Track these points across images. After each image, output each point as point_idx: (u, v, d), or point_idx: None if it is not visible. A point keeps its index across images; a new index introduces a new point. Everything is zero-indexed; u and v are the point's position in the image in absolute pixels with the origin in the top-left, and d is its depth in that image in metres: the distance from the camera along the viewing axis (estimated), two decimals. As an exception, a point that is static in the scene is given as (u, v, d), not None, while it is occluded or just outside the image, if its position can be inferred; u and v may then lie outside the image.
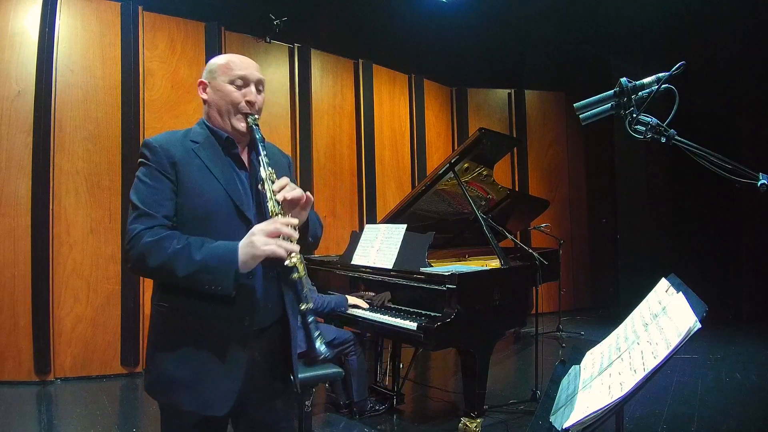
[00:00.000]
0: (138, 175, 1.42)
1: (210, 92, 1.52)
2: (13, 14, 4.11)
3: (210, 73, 1.52)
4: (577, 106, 1.35)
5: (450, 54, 6.64)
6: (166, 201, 1.39)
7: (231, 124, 1.49)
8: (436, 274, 2.82)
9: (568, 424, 1.11)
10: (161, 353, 1.42)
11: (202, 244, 1.34)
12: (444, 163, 3.47)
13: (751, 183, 1.17)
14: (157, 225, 1.36)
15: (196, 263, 1.31)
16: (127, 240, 1.35)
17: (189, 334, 1.40)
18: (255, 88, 1.51)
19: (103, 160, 4.35)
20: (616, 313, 6.43)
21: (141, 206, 1.37)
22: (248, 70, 1.51)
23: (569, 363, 1.57)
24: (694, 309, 1.06)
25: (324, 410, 3.47)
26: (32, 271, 4.05)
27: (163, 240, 1.33)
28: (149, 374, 1.46)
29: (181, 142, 1.45)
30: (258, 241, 1.32)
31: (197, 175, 1.42)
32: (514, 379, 4.49)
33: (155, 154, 1.41)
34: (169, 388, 1.40)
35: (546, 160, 7.19)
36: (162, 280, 1.42)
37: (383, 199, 5.93)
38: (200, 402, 1.38)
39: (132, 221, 1.37)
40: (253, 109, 1.50)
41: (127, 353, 4.35)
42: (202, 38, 4.84)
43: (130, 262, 1.37)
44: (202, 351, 1.39)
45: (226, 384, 1.40)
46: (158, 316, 1.45)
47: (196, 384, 1.38)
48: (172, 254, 1.31)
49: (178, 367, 1.39)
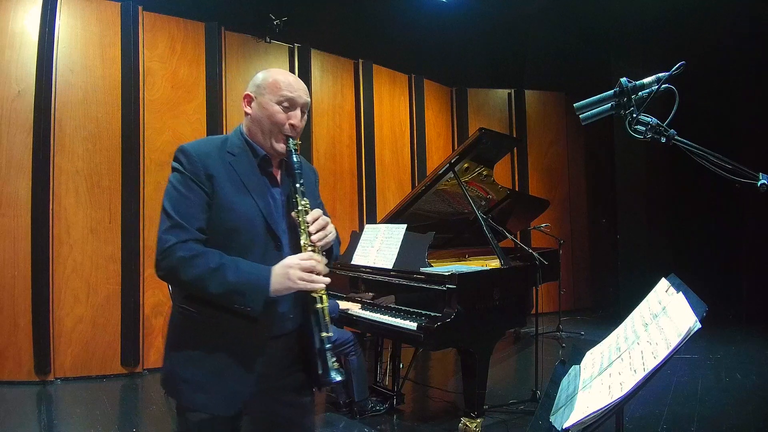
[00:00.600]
0: (172, 182, 1.44)
1: (255, 107, 1.51)
2: (13, 14, 4.11)
3: (257, 88, 1.51)
4: (577, 106, 1.35)
5: (450, 54, 6.64)
6: (200, 213, 1.40)
7: (271, 144, 1.50)
8: (436, 274, 2.82)
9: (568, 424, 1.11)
10: (176, 352, 1.46)
11: (236, 266, 1.37)
12: (444, 163, 3.47)
13: (751, 183, 1.17)
14: (191, 239, 1.38)
15: (229, 284, 1.35)
16: (159, 250, 1.37)
17: (206, 337, 1.43)
18: (300, 111, 1.51)
19: (103, 160, 4.35)
20: (616, 313, 6.42)
21: (175, 216, 1.38)
22: (297, 93, 1.50)
23: (569, 363, 1.57)
24: (694, 309, 1.06)
25: (324, 410, 3.47)
26: (32, 271, 4.05)
27: (197, 258, 1.36)
28: (164, 370, 1.50)
29: (219, 154, 1.46)
30: (294, 275, 1.38)
31: (232, 189, 1.43)
32: (514, 379, 4.49)
33: (192, 164, 1.42)
34: (180, 387, 1.44)
35: (546, 160, 7.19)
36: (192, 292, 1.43)
37: (383, 199, 5.93)
38: (208, 402, 1.41)
39: (165, 231, 1.38)
40: (295, 132, 1.50)
41: (127, 353, 4.35)
42: (202, 38, 4.84)
43: (160, 270, 1.40)
44: (218, 354, 1.42)
45: (237, 386, 1.43)
46: (179, 316, 1.49)
47: (205, 385, 1.41)
48: (206, 272, 1.35)
49: (190, 367, 1.43)
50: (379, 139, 5.98)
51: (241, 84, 5.08)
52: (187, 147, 1.45)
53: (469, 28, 6.30)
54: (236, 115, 5.02)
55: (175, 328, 1.50)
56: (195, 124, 4.75)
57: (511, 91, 7.13)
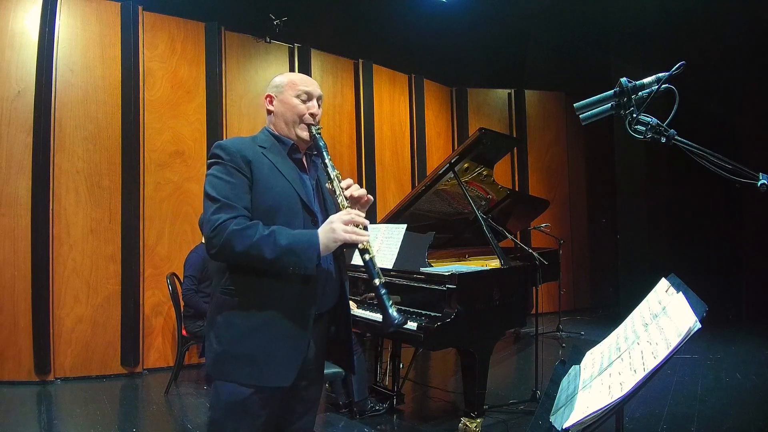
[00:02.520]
0: (213, 173, 1.55)
1: (277, 104, 1.69)
2: (13, 14, 4.11)
3: (276, 88, 1.70)
4: (577, 106, 1.35)
5: (450, 54, 6.64)
6: (244, 194, 1.53)
7: (296, 132, 1.67)
8: (436, 274, 2.82)
9: (568, 424, 1.11)
10: (226, 331, 1.52)
11: (285, 231, 1.48)
12: (444, 163, 3.47)
13: (751, 183, 1.17)
14: (240, 216, 1.49)
15: (282, 247, 1.45)
16: (210, 228, 1.46)
17: (258, 312, 1.51)
18: (317, 102, 1.70)
19: (103, 160, 4.35)
20: (616, 313, 6.43)
21: (222, 199, 1.49)
22: (312, 86, 1.70)
23: (569, 363, 1.57)
24: (694, 309, 1.06)
25: (324, 410, 3.47)
26: (32, 271, 4.05)
27: (249, 228, 1.46)
28: (212, 353, 1.54)
29: (251, 146, 1.61)
30: (338, 228, 1.49)
31: (267, 172, 1.57)
32: (514, 379, 4.49)
33: (230, 154, 1.55)
34: (232, 364, 1.50)
35: (546, 160, 7.19)
36: (247, 262, 1.49)
37: (383, 199, 5.93)
38: (264, 375, 1.49)
39: (214, 212, 1.48)
40: (315, 120, 1.69)
41: (127, 353, 4.35)
42: (202, 38, 4.84)
43: (213, 248, 1.47)
44: (271, 327, 1.51)
45: (289, 358, 1.52)
46: (225, 297, 1.55)
47: (262, 358, 1.49)
48: (259, 239, 1.45)
49: (244, 343, 1.50)
50: (379, 139, 5.98)
51: (241, 84, 5.08)
52: (223, 143, 1.60)
53: (469, 28, 6.30)
54: (236, 115, 5.02)
55: (221, 310, 1.55)
56: (195, 124, 4.75)
57: (511, 91, 7.14)
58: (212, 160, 1.58)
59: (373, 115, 5.93)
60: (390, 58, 6.12)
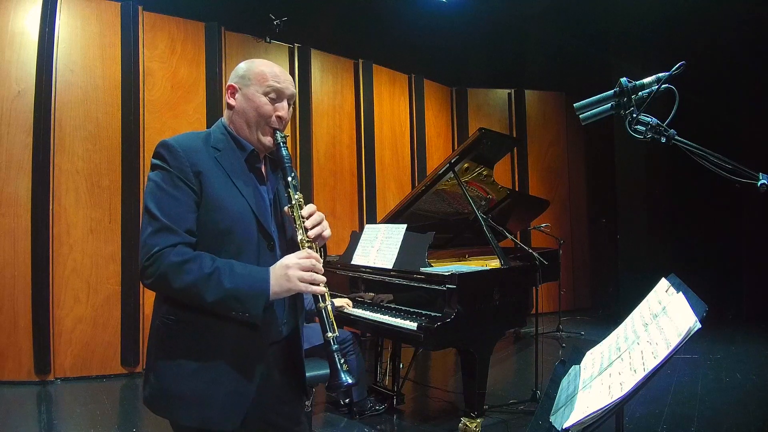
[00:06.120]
0: (155, 180, 1.31)
1: (240, 99, 1.42)
2: (13, 14, 4.10)
3: (242, 79, 1.43)
4: (577, 106, 1.35)
5: (450, 54, 6.64)
6: (189, 214, 1.30)
7: (257, 137, 1.42)
8: (436, 274, 2.82)
9: (568, 424, 1.11)
10: (166, 367, 1.33)
11: (231, 270, 1.28)
12: (444, 163, 3.47)
13: (751, 183, 1.17)
14: (180, 243, 1.27)
15: (226, 291, 1.26)
16: (145, 255, 1.26)
17: (202, 347, 1.32)
18: (287, 102, 1.44)
19: (103, 160, 4.35)
20: (616, 313, 6.42)
21: (162, 218, 1.27)
22: (284, 84, 1.43)
23: (569, 363, 1.57)
24: (694, 309, 1.06)
25: (324, 410, 3.47)
26: (32, 271, 4.05)
27: (189, 262, 1.26)
28: (150, 387, 1.36)
29: (204, 149, 1.37)
30: (294, 276, 1.30)
31: (220, 188, 1.34)
32: (514, 379, 4.48)
33: (177, 159, 1.31)
34: (174, 404, 1.33)
35: (546, 160, 7.19)
36: (184, 301, 1.31)
37: (383, 199, 5.93)
38: (207, 418, 1.31)
39: (151, 235, 1.27)
40: (282, 125, 1.43)
41: (127, 353, 4.35)
42: (202, 38, 4.84)
43: (147, 279, 1.27)
44: (216, 365, 1.32)
45: (239, 397, 1.34)
46: (164, 329, 1.35)
47: (204, 399, 1.31)
48: (200, 279, 1.25)
49: (185, 382, 1.31)
50: (379, 139, 5.98)
51: (241, 84, 5.07)
52: (171, 141, 1.33)
53: (469, 28, 6.30)
54: (236, 115, 5.01)
55: (161, 342, 1.35)
56: (195, 124, 4.75)
57: (511, 91, 7.13)
58: (156, 162, 1.33)
59: (373, 115, 5.93)
60: (390, 58, 6.12)
